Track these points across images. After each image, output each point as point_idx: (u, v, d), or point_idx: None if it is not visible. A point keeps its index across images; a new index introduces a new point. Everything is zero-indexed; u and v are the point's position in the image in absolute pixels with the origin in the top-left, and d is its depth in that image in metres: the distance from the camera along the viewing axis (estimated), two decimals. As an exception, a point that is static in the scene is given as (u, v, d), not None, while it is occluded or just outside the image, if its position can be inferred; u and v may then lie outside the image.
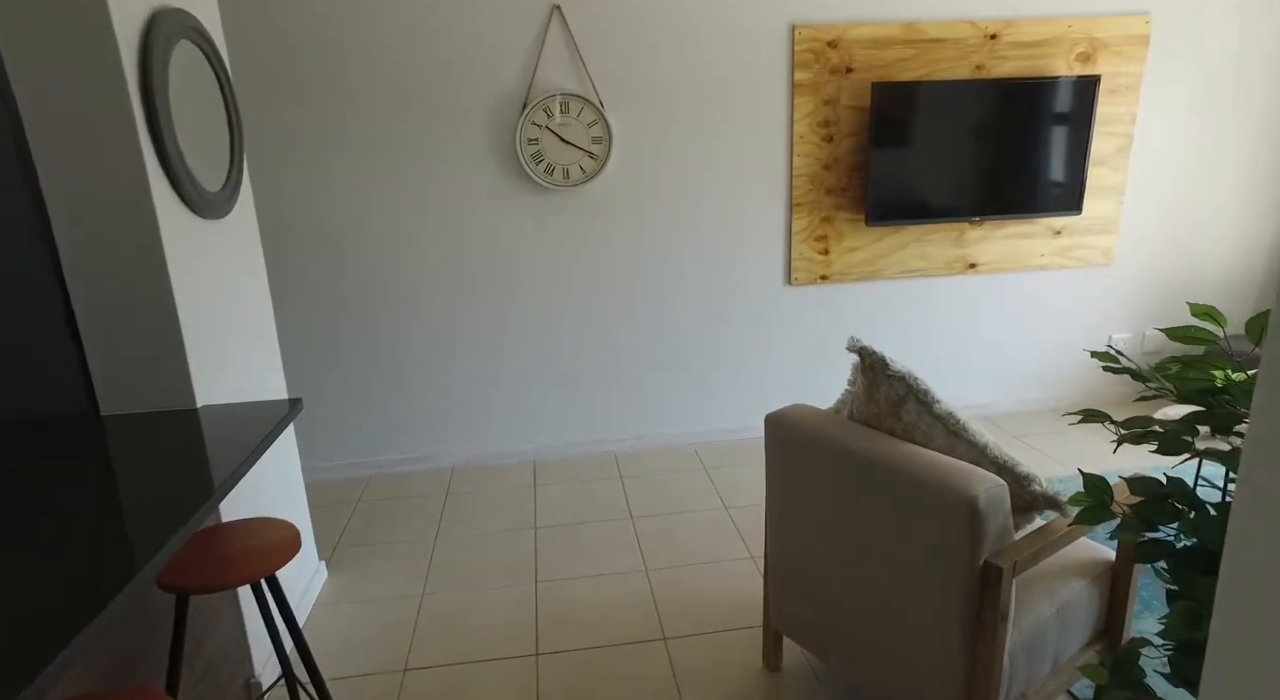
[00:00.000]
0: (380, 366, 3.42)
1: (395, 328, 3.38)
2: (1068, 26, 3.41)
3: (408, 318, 3.38)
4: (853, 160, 3.43)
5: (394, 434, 3.52)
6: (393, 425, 3.51)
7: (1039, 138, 3.45)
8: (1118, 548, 1.88)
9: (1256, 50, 3.62)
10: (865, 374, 1.73)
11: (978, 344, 3.83)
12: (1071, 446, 3.52)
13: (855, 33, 3.28)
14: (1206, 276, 3.94)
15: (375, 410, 3.47)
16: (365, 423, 3.48)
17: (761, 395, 3.72)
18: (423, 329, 3.40)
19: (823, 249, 3.55)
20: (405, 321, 3.38)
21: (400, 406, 3.48)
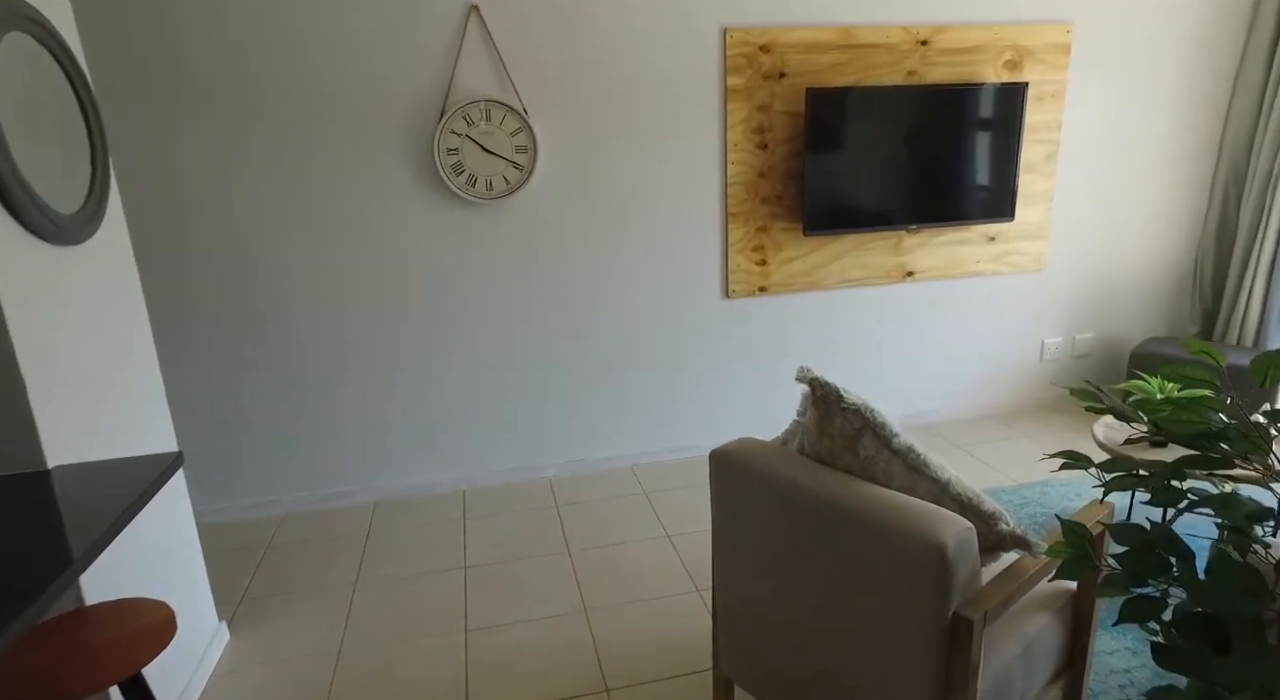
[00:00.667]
0: (293, 395, 3.13)
1: (306, 354, 3.10)
2: (994, 34, 3.39)
3: (320, 343, 3.10)
4: (788, 168, 3.33)
5: (310, 468, 3.23)
6: (308, 458, 3.22)
7: (972, 144, 3.42)
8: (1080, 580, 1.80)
9: (1169, 60, 3.69)
10: (817, 406, 1.60)
11: (917, 352, 3.79)
12: (1012, 456, 3.50)
13: (788, 37, 3.17)
14: (1130, 280, 4.00)
15: (288, 443, 3.18)
16: (277, 457, 3.19)
17: (702, 412, 3.58)
18: (337, 354, 3.13)
19: (760, 260, 3.44)
20: (317, 347, 3.11)
21: (317, 438, 3.20)
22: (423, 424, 3.29)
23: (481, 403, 3.32)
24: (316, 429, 3.19)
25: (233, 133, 2.83)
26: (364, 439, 3.25)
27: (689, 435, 3.60)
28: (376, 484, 3.31)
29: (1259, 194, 3.72)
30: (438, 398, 3.27)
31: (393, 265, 3.09)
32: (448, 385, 3.27)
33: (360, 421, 3.22)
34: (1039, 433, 3.72)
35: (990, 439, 3.69)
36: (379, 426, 3.25)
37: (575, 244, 3.22)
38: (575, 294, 3.28)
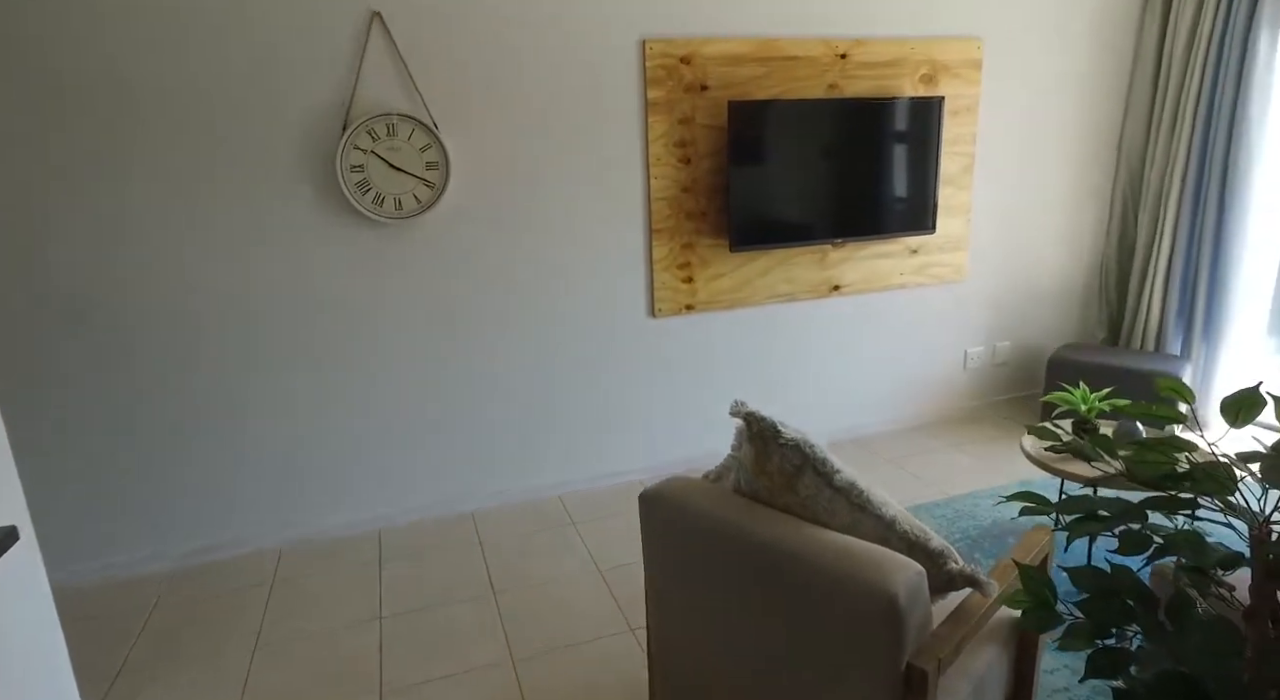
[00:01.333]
0: (181, 435, 2.84)
1: (193, 388, 2.82)
2: (910, 48, 3.41)
3: (209, 375, 2.83)
4: (712, 182, 3.25)
5: (202, 516, 2.94)
6: (199, 506, 2.93)
7: (893, 157, 3.43)
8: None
9: (1068, 79, 3.80)
10: (753, 442, 1.49)
11: (846, 366, 3.77)
12: (942, 468, 3.51)
13: (709, 49, 3.10)
14: (1044, 289, 4.10)
15: (176, 488, 2.88)
16: (163, 505, 2.88)
17: (631, 436, 3.45)
18: (232, 388, 2.86)
19: (686, 277, 3.34)
20: (206, 380, 2.83)
21: (209, 482, 2.91)
22: (332, 462, 3.04)
23: (396, 436, 3.10)
24: (208, 472, 2.90)
25: (101, 149, 2.55)
26: (266, 481, 2.98)
27: (619, 460, 3.46)
28: (282, 530, 3.04)
29: (1153, 206, 3.87)
30: (348, 432, 3.03)
31: (295, 290, 2.85)
32: (359, 418, 3.03)
33: (262, 462, 2.95)
34: (966, 443, 3.75)
35: (919, 451, 3.69)
36: (283, 467, 2.98)
37: (493, 264, 3.05)
38: (494, 316, 3.10)
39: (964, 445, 3.73)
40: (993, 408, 4.14)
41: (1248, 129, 3.44)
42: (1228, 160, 3.52)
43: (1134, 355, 3.77)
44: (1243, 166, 3.48)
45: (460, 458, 3.21)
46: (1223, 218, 3.60)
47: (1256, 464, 0.97)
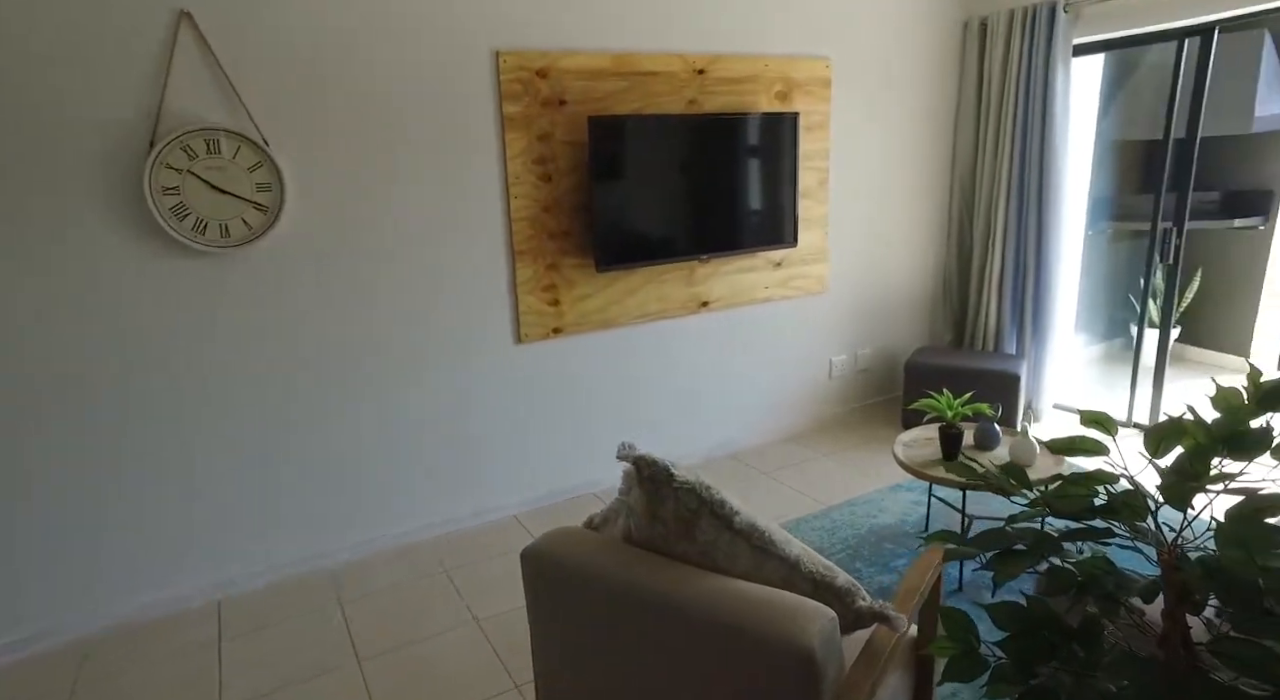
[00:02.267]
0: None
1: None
2: (765, 66, 3.46)
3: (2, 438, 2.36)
4: (575, 200, 3.13)
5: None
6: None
7: (754, 173, 3.45)
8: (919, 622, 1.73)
9: (906, 97, 4.01)
10: (644, 487, 1.36)
11: (719, 382, 3.75)
12: (817, 477, 3.56)
13: (566, 62, 2.98)
14: (897, 296, 4.29)
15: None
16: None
17: (504, 470, 3.25)
18: (22, 446, 2.40)
19: (552, 300, 3.19)
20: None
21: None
22: (160, 524, 2.63)
23: (236, 492, 2.73)
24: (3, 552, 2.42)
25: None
26: (70, 555, 2.52)
27: (493, 496, 3.24)
28: (94, 613, 2.58)
29: (985, 219, 4.14)
30: (179, 490, 2.63)
31: (103, 333, 2.43)
32: (191, 472, 2.64)
33: (68, 532, 2.50)
34: (837, 450, 3.83)
35: (793, 462, 3.73)
36: (95, 535, 2.54)
37: (341, 294, 2.76)
38: (344, 351, 2.81)
39: (835, 453, 3.81)
40: (857, 413, 4.28)
41: (1055, 151, 3.75)
42: (1042, 178, 3.82)
43: (978, 355, 4.01)
44: (1054, 184, 3.79)
45: (316, 509, 2.88)
46: (1042, 230, 3.90)
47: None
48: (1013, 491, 0.97)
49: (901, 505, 3.23)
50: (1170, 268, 3.77)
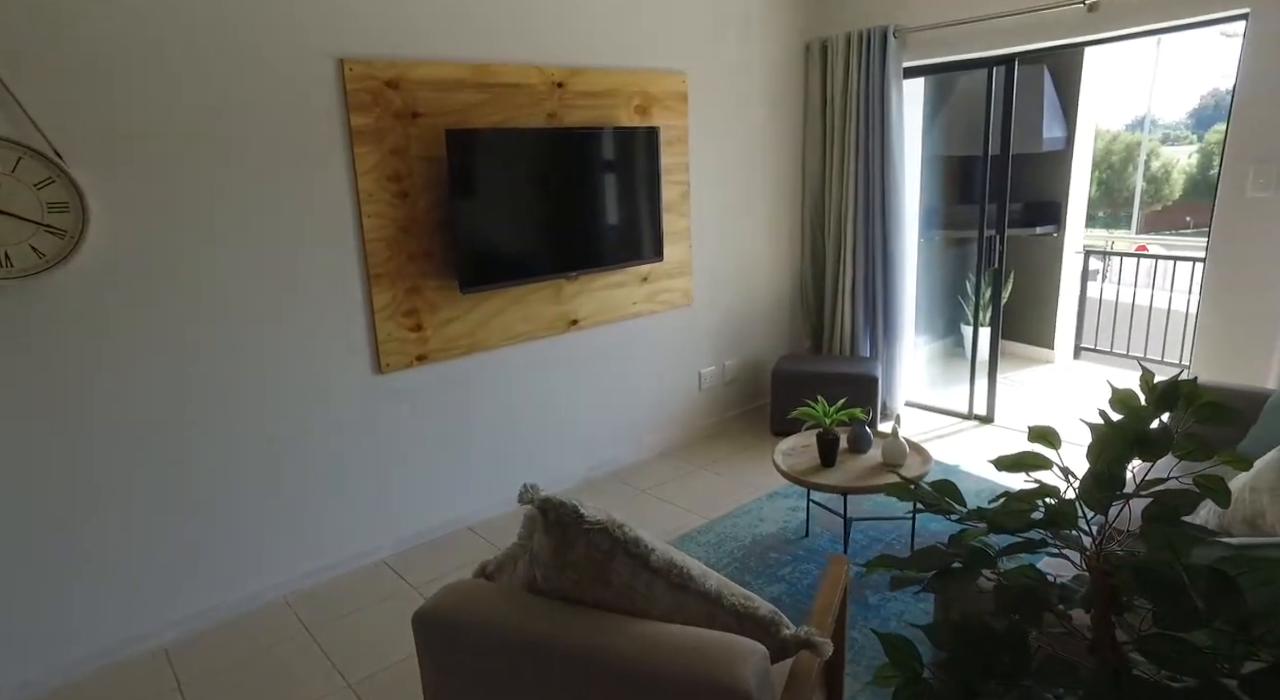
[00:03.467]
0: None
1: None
2: (624, 79, 3.43)
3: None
4: (435, 219, 2.94)
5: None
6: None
7: (617, 187, 3.42)
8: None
9: (758, 113, 4.15)
10: (550, 532, 1.25)
11: (592, 400, 3.66)
12: (696, 491, 3.55)
13: (419, 72, 2.79)
14: (760, 306, 4.41)
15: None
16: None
17: (372, 510, 2.98)
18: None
19: (415, 325, 2.98)
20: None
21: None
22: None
23: (37, 564, 2.30)
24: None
25: None
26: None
27: (357, 541, 2.96)
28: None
29: (835, 230, 4.35)
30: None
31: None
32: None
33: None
34: (713, 462, 3.86)
35: (673, 477, 3.71)
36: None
37: (164, 329, 2.42)
38: (171, 396, 2.46)
39: (711, 464, 3.83)
40: (729, 423, 4.34)
41: (894, 165, 4.01)
42: (885, 190, 4.07)
43: (836, 360, 4.20)
44: (894, 195, 4.05)
45: (138, 581, 2.48)
46: (887, 238, 4.15)
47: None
48: (950, 510, 0.96)
49: (781, 512, 3.29)
50: (995, 271, 4.12)
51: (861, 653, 2.32)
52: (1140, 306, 5.34)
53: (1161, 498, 0.86)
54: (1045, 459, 0.92)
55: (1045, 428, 0.93)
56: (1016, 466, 0.93)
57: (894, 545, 2.95)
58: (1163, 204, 15.32)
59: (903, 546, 2.92)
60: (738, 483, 3.61)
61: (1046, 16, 3.42)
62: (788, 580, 2.77)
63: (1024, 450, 0.94)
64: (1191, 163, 15.42)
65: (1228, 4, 3.01)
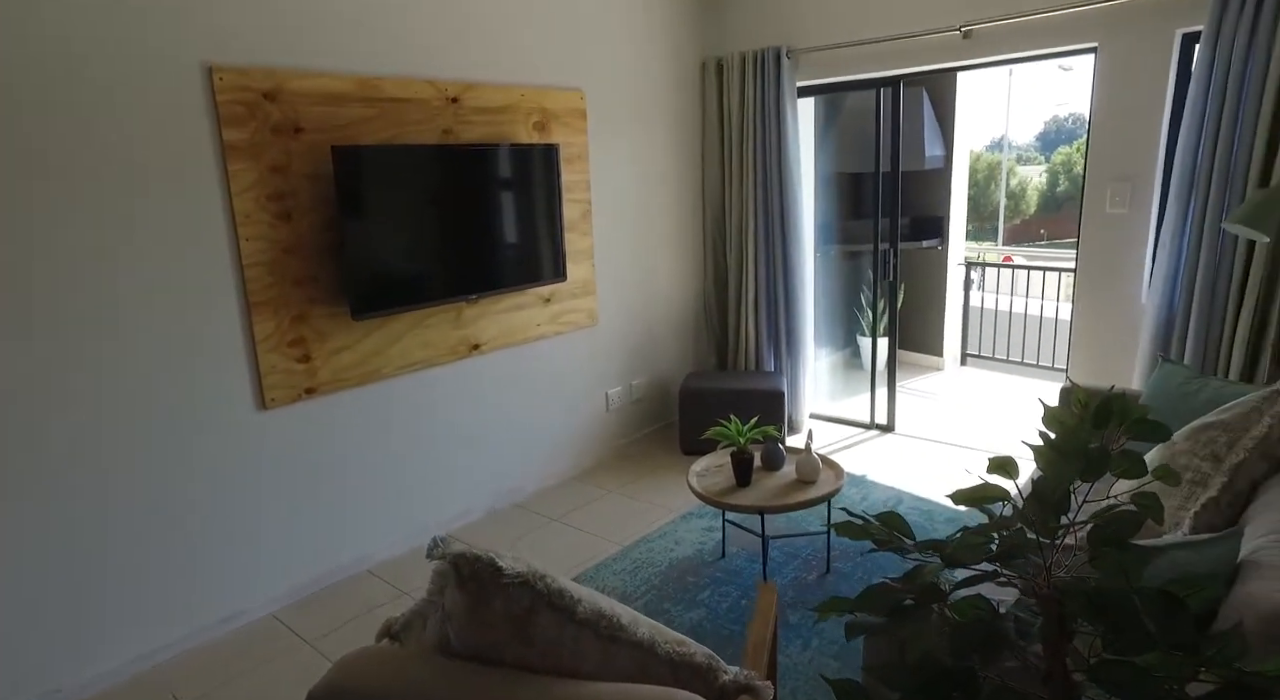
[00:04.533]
0: None
1: None
2: (521, 96, 3.33)
3: None
4: (322, 241, 2.73)
5: None
6: None
7: (517, 206, 3.31)
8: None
9: (658, 130, 4.15)
10: (464, 589, 1.13)
11: (497, 428, 3.51)
12: (609, 517, 3.46)
13: (300, 84, 2.60)
14: (665, 324, 4.38)
15: None
16: None
17: (248, 562, 2.71)
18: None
19: (302, 355, 2.76)
20: None
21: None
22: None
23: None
24: None
25: None
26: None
27: (237, 598, 2.69)
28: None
29: (737, 246, 4.39)
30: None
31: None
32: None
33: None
34: (625, 485, 3.78)
35: (582, 503, 3.60)
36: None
37: (16, 364, 2.11)
38: (28, 440, 2.15)
39: (621, 487, 3.75)
40: (637, 443, 4.27)
41: (792, 181, 4.09)
42: (783, 207, 4.14)
43: (742, 376, 4.22)
44: (793, 211, 4.13)
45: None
46: (787, 254, 4.22)
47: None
48: (910, 550, 0.91)
49: (696, 534, 3.24)
50: (891, 284, 4.27)
51: (785, 676, 2.29)
52: (1016, 315, 5.68)
53: (1107, 520, 0.84)
54: (1003, 491, 0.89)
55: (1004, 458, 0.91)
56: (974, 500, 0.90)
57: (811, 561, 2.95)
58: (1021, 218, 16.63)
59: (820, 562, 2.93)
60: (650, 505, 3.54)
61: (928, 42, 3.58)
62: (707, 605, 2.71)
63: (981, 482, 0.91)
64: (1042, 180, 16.83)
65: (1080, 38, 3.23)
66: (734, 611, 2.66)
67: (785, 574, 2.87)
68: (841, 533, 0.90)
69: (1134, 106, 3.16)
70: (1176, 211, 3.01)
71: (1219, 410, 1.98)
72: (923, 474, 3.71)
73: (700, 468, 2.90)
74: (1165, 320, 3.13)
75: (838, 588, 2.75)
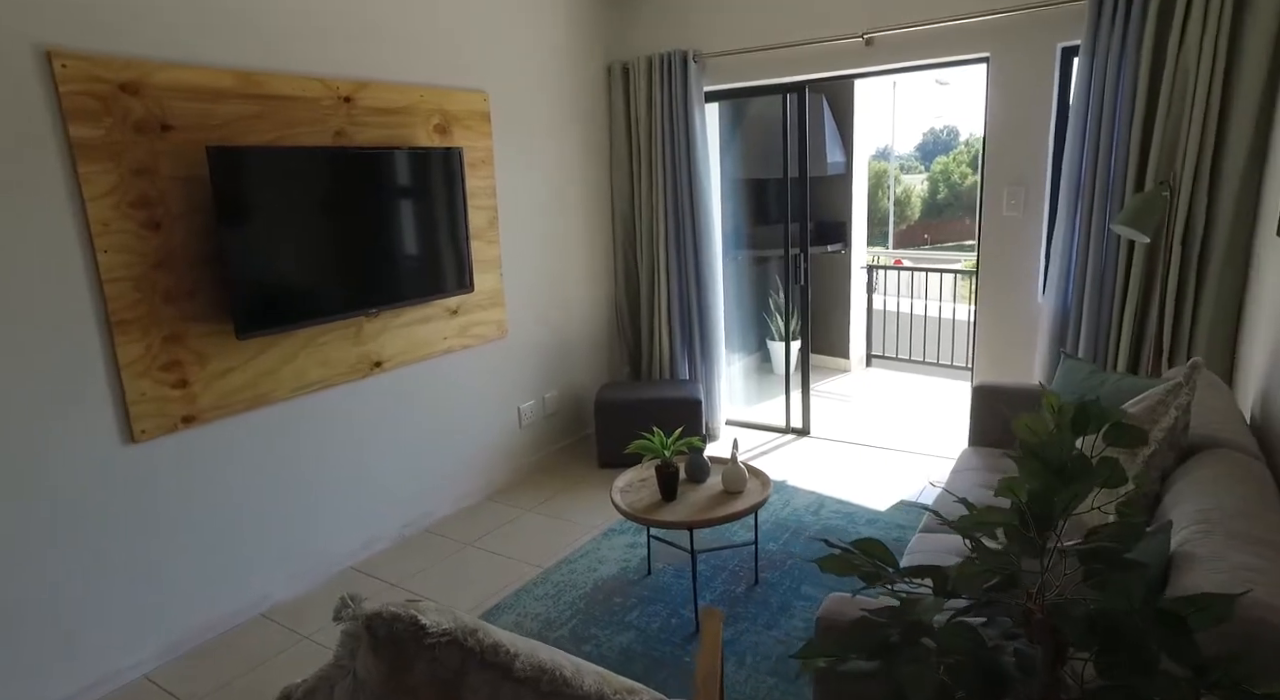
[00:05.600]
0: None
1: None
2: (420, 96, 3.14)
3: None
4: (200, 252, 2.46)
5: None
6: None
7: (420, 213, 3.11)
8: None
9: (565, 134, 4.03)
10: (381, 653, 0.96)
11: (405, 449, 3.28)
12: (527, 537, 3.29)
13: (168, 77, 2.32)
14: (577, 334, 4.25)
15: None
16: None
17: (120, 616, 2.39)
18: None
19: (179, 380, 2.46)
20: None
21: None
22: None
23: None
24: None
25: None
26: None
27: (109, 656, 2.36)
28: None
29: (649, 253, 4.32)
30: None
31: None
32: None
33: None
34: (542, 503, 3.61)
35: (498, 524, 3.42)
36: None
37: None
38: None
39: (539, 506, 3.59)
40: (553, 458, 4.12)
41: (702, 186, 4.06)
42: (694, 212, 4.10)
43: (658, 385, 4.13)
44: (704, 217, 4.10)
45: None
46: (699, 260, 4.18)
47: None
48: (891, 581, 0.82)
49: (619, 551, 3.12)
50: (802, 288, 4.30)
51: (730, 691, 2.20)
52: (917, 316, 5.87)
53: (1102, 537, 0.78)
54: (1010, 515, 0.82)
55: (1011, 480, 0.83)
56: (980, 525, 0.82)
57: (739, 573, 2.88)
58: (907, 223, 17.52)
59: (748, 573, 2.87)
60: (570, 523, 3.40)
61: (832, 48, 3.62)
62: (637, 627, 2.60)
63: (988, 506, 0.83)
64: (924, 188, 17.80)
65: (973, 48, 3.35)
66: (665, 631, 2.55)
67: (714, 588, 2.80)
68: (826, 568, 0.81)
69: (1023, 114, 3.29)
70: (1066, 214, 3.15)
71: (1129, 404, 2.04)
72: (841, 477, 3.74)
73: (623, 483, 2.79)
74: (1061, 318, 3.27)
75: (768, 599, 2.70)
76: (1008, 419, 2.12)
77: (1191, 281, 2.93)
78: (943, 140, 17.64)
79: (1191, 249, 2.90)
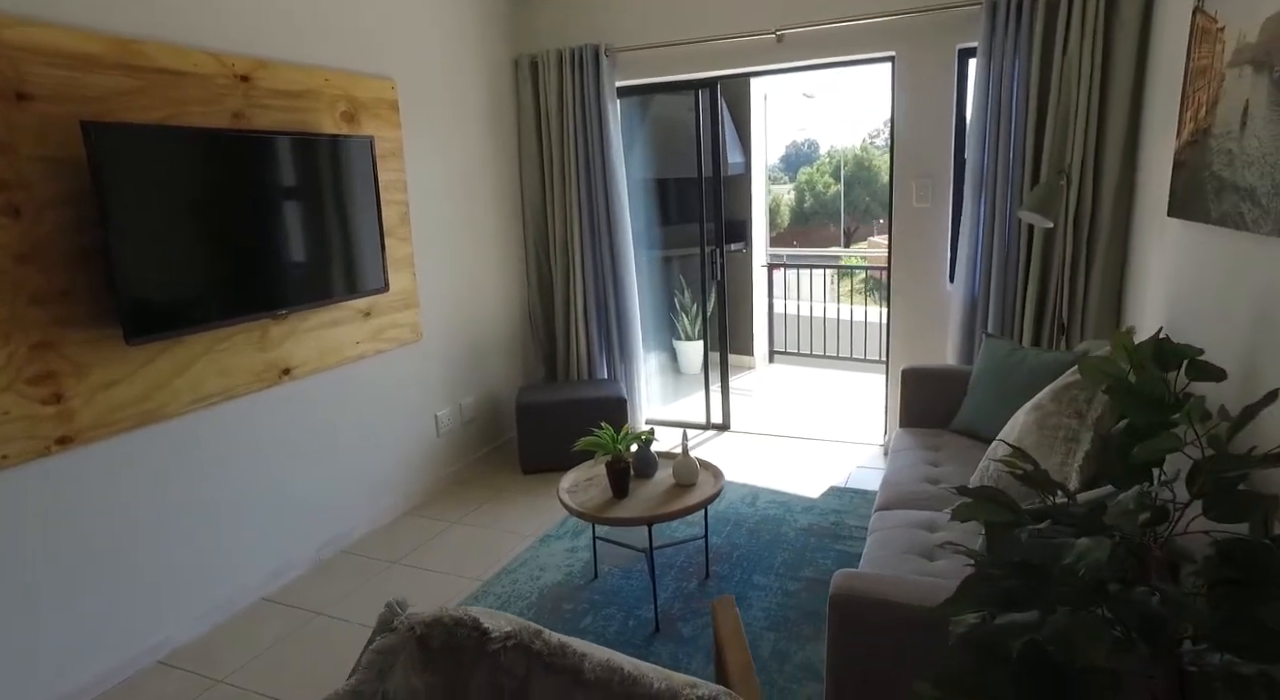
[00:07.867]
0: None
1: None
2: (325, 80, 2.88)
3: None
4: (76, 244, 2.12)
5: None
6: None
7: (331, 206, 2.85)
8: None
9: (473, 129, 3.85)
10: (436, 669, 0.82)
11: (314, 464, 2.98)
12: (458, 551, 3.08)
13: (21, 35, 1.98)
14: (492, 337, 4.06)
15: None
16: None
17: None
18: None
19: (51, 395, 2.11)
20: None
21: None
22: None
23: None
24: None
25: None
26: None
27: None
28: None
29: (562, 252, 4.18)
30: None
31: None
32: None
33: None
34: (469, 514, 3.40)
35: (424, 539, 3.18)
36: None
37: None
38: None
39: (464, 518, 3.37)
40: (474, 467, 3.90)
41: (616, 184, 3.99)
42: (609, 211, 4.02)
43: (578, 385, 4.01)
44: (618, 215, 4.02)
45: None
46: (615, 259, 4.10)
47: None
48: (1025, 524, 0.77)
49: (559, 557, 2.97)
50: (720, 285, 4.32)
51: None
52: (815, 316, 6.07)
53: (1209, 470, 0.77)
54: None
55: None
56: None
57: (689, 568, 2.82)
58: (778, 230, 18.29)
59: (698, 568, 2.81)
60: (501, 533, 3.22)
61: (743, 44, 3.66)
62: (594, 632, 2.47)
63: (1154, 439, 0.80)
64: (791, 198, 18.67)
65: (880, 47, 3.48)
66: (624, 634, 2.44)
67: (666, 586, 2.72)
68: (959, 514, 0.74)
69: (927, 111, 3.45)
70: (971, 204, 3.33)
71: (1071, 371, 2.15)
72: (769, 468, 3.76)
73: (569, 484, 2.65)
74: (969, 301, 3.45)
75: (722, 591, 2.65)
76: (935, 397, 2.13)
77: (1083, 262, 3.17)
78: (804, 152, 18.56)
79: (1082, 232, 3.13)
